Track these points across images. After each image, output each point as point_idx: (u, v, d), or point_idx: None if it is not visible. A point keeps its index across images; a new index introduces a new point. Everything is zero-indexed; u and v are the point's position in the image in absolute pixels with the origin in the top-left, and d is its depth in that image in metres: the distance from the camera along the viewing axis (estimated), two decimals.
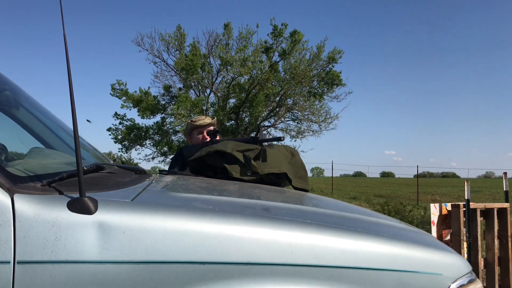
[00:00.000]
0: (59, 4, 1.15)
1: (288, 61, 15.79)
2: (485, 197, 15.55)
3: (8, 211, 0.91)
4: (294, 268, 1.01)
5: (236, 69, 15.18)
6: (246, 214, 1.12)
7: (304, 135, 17.33)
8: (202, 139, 2.70)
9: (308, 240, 1.05)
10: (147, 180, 1.54)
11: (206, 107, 16.45)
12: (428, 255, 1.16)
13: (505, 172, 3.70)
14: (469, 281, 1.19)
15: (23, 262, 0.90)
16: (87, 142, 1.96)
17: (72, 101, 1.02)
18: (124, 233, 0.94)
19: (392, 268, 1.08)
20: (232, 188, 1.68)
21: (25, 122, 1.71)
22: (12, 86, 1.63)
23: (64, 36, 1.08)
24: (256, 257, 0.99)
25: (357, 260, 1.06)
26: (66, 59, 1.08)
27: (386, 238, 1.17)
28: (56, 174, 1.12)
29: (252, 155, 2.10)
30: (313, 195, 2.01)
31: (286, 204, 1.45)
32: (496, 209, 3.35)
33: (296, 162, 2.31)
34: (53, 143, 1.74)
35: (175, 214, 1.02)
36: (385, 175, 64.32)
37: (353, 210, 1.67)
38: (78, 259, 0.92)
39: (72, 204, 0.95)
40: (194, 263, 0.96)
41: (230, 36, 15.65)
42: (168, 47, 16.05)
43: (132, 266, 0.94)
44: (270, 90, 15.80)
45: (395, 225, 1.46)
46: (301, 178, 2.28)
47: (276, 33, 15.27)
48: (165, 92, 16.73)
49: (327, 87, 16.24)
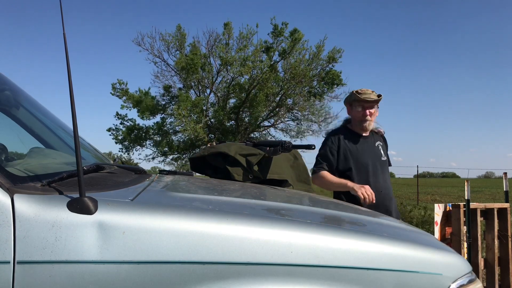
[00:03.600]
0: (59, 4, 1.15)
1: (288, 61, 15.79)
2: (485, 197, 15.55)
3: (8, 211, 0.91)
4: (294, 268, 1.01)
5: (236, 69, 15.19)
6: (246, 214, 1.12)
7: (304, 135, 17.35)
8: (362, 115, 2.48)
9: (308, 240, 1.05)
10: (147, 180, 1.54)
11: (206, 107, 16.45)
12: (428, 255, 1.16)
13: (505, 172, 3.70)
14: (469, 281, 1.19)
15: (23, 262, 0.90)
16: (87, 142, 1.96)
17: (72, 101, 1.02)
18: (124, 233, 0.94)
19: (392, 268, 1.08)
20: (232, 188, 1.68)
21: (25, 122, 1.71)
22: (12, 86, 1.62)
23: (64, 36, 1.08)
24: (256, 257, 0.99)
25: (357, 260, 1.05)
26: (66, 59, 1.08)
27: (386, 238, 1.17)
28: (56, 174, 1.12)
29: (254, 160, 2.10)
30: (313, 195, 2.01)
31: (286, 204, 1.45)
32: (496, 209, 3.35)
33: (298, 165, 2.32)
34: (53, 143, 1.74)
35: (175, 214, 1.02)
36: None
37: (353, 210, 1.67)
38: (78, 259, 0.92)
39: (72, 204, 0.95)
40: (194, 263, 0.96)
41: (230, 35, 15.66)
42: (168, 47, 16.07)
43: (132, 266, 0.94)
44: (270, 90, 15.80)
45: (395, 225, 1.46)
46: (303, 182, 2.29)
47: (276, 32, 15.27)
48: (165, 92, 16.74)
49: (327, 87, 16.25)
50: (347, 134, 2.54)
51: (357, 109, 2.50)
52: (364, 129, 2.52)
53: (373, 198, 2.22)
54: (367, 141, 2.54)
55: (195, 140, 15.91)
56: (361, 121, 2.50)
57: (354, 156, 2.46)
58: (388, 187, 2.51)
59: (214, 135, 16.31)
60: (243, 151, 2.14)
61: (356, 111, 2.51)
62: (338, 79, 15.98)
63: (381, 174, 2.49)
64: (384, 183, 2.48)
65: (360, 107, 2.48)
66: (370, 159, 2.48)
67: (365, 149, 2.50)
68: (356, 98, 2.47)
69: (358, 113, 2.50)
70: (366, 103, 2.46)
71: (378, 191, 2.36)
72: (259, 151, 2.16)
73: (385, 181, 2.50)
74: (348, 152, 2.47)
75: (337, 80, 15.98)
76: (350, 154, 2.46)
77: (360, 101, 2.47)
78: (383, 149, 2.59)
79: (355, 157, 2.46)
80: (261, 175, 2.11)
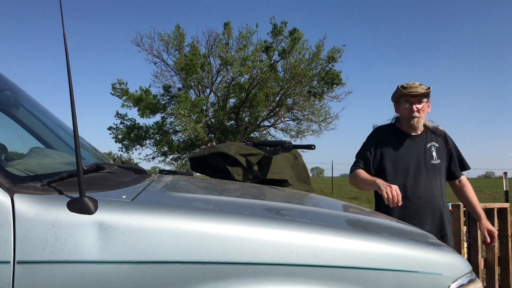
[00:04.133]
0: (59, 4, 1.15)
1: (288, 61, 15.80)
2: (485, 197, 15.53)
3: (8, 211, 0.91)
4: (294, 268, 1.01)
5: (236, 68, 15.19)
6: (246, 214, 1.12)
7: (304, 134, 17.36)
8: (409, 112, 2.22)
9: (308, 240, 1.05)
10: (147, 180, 1.54)
11: (206, 107, 16.46)
12: (428, 255, 1.16)
13: (505, 172, 3.70)
14: (469, 281, 1.19)
15: (23, 262, 0.90)
16: (87, 142, 1.96)
17: (72, 101, 1.02)
18: (124, 233, 0.94)
19: (392, 268, 1.08)
20: (232, 188, 1.68)
21: (25, 122, 1.71)
22: (12, 86, 1.63)
23: (64, 36, 1.08)
24: (256, 257, 0.99)
25: (357, 260, 1.05)
26: (66, 59, 1.08)
27: (386, 238, 1.17)
28: (56, 174, 1.12)
29: (254, 160, 2.10)
30: (313, 195, 2.01)
31: (286, 204, 1.45)
32: (496, 209, 3.35)
33: (298, 164, 2.31)
34: (53, 143, 1.74)
35: (175, 214, 1.02)
36: None
37: (353, 210, 1.67)
38: (78, 259, 0.92)
39: (72, 204, 0.95)
40: (194, 263, 0.96)
41: (230, 35, 15.67)
42: (167, 47, 16.07)
43: (132, 266, 0.94)
44: (270, 90, 15.82)
45: (395, 225, 1.46)
46: (302, 181, 2.28)
47: (275, 32, 15.28)
48: (165, 92, 16.75)
49: (327, 86, 16.27)
50: (391, 132, 2.33)
51: (404, 105, 2.24)
52: (412, 128, 2.26)
53: (399, 200, 1.95)
54: (414, 142, 2.28)
55: (195, 140, 15.93)
56: (408, 119, 2.24)
57: (392, 156, 2.25)
58: (434, 194, 2.21)
59: (214, 135, 16.32)
60: (243, 151, 2.14)
61: (403, 108, 2.25)
62: (338, 79, 16.00)
63: (426, 178, 2.22)
64: (427, 189, 2.20)
65: (407, 103, 2.22)
66: (412, 160, 2.23)
67: (408, 149, 2.26)
68: (402, 94, 2.22)
69: (404, 110, 2.24)
70: (413, 97, 2.20)
71: (415, 196, 2.16)
72: (259, 151, 2.16)
73: (429, 187, 2.21)
74: (386, 151, 2.26)
75: (336, 80, 16.00)
76: (388, 153, 2.26)
77: (406, 96, 2.21)
78: (438, 151, 2.28)
79: (392, 157, 2.25)
80: (261, 175, 2.11)
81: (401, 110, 2.29)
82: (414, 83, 2.23)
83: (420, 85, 2.22)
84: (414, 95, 2.19)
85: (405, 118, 2.27)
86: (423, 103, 2.22)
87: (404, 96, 2.22)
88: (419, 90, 2.19)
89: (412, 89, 2.20)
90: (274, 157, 2.18)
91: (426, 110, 2.27)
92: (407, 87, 2.22)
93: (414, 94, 2.19)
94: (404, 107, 2.24)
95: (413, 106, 2.20)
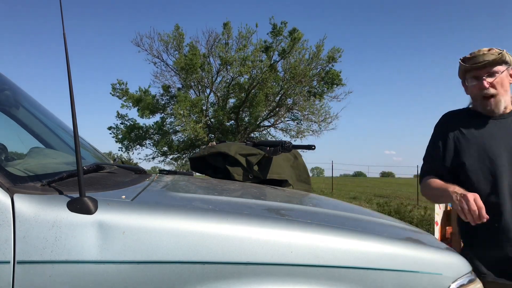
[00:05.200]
0: (59, 4, 1.15)
1: (288, 61, 15.81)
2: None
3: (8, 211, 0.91)
4: (294, 268, 1.01)
5: (236, 68, 15.20)
6: (246, 214, 1.12)
7: (304, 134, 17.36)
8: (479, 89, 1.64)
9: (308, 240, 1.05)
10: (147, 180, 1.54)
11: (206, 107, 16.47)
12: (428, 255, 1.16)
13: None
14: (469, 281, 1.19)
15: (23, 262, 0.89)
16: (87, 142, 1.96)
17: (72, 101, 1.02)
18: (124, 233, 0.94)
19: (392, 268, 1.08)
20: (232, 188, 1.68)
21: (25, 122, 1.71)
22: (12, 86, 1.63)
23: (64, 36, 1.08)
24: (256, 257, 0.99)
25: (357, 260, 1.05)
26: (66, 59, 1.08)
27: (386, 238, 1.17)
28: (56, 174, 1.12)
29: (254, 160, 2.10)
30: (313, 195, 2.01)
31: (286, 204, 1.45)
32: None
33: (298, 165, 2.31)
34: (53, 143, 1.74)
35: (175, 214, 1.02)
36: (385, 175, 64.29)
37: (353, 210, 1.67)
38: (78, 259, 0.92)
39: (72, 204, 0.95)
40: (194, 263, 0.96)
41: (229, 35, 15.68)
42: (167, 47, 16.07)
43: (132, 266, 0.94)
44: (270, 90, 15.82)
45: (395, 225, 1.46)
46: (303, 181, 2.28)
47: (275, 32, 15.29)
48: (164, 92, 16.75)
49: (327, 86, 16.27)
50: (465, 116, 1.74)
51: (471, 83, 1.68)
52: (489, 108, 1.64)
53: (482, 215, 1.41)
54: (500, 123, 1.66)
55: (195, 140, 15.93)
56: (481, 100, 1.65)
57: (472, 146, 1.65)
58: None
59: (214, 135, 16.32)
60: (243, 151, 2.14)
61: (471, 86, 1.68)
62: (338, 79, 16.01)
63: None
64: None
65: (474, 79, 1.66)
66: (503, 149, 1.60)
67: (494, 135, 1.64)
68: (465, 68, 1.68)
69: (473, 88, 1.67)
70: (479, 70, 1.63)
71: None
72: (259, 151, 2.16)
73: None
74: (463, 140, 1.67)
75: (336, 80, 16.01)
76: (466, 143, 1.66)
77: (471, 71, 1.66)
78: None
79: (473, 146, 1.65)
80: (261, 175, 2.11)
81: (469, 90, 1.71)
82: (480, 50, 1.65)
83: (490, 50, 1.64)
84: (481, 66, 1.62)
85: (477, 99, 1.69)
86: (497, 75, 1.61)
87: (468, 71, 1.67)
88: (486, 58, 1.61)
89: (476, 59, 1.63)
90: (274, 157, 2.18)
91: (508, 81, 1.65)
92: (470, 57, 1.67)
93: (480, 65, 1.62)
94: (472, 85, 1.67)
95: (483, 82, 1.62)
